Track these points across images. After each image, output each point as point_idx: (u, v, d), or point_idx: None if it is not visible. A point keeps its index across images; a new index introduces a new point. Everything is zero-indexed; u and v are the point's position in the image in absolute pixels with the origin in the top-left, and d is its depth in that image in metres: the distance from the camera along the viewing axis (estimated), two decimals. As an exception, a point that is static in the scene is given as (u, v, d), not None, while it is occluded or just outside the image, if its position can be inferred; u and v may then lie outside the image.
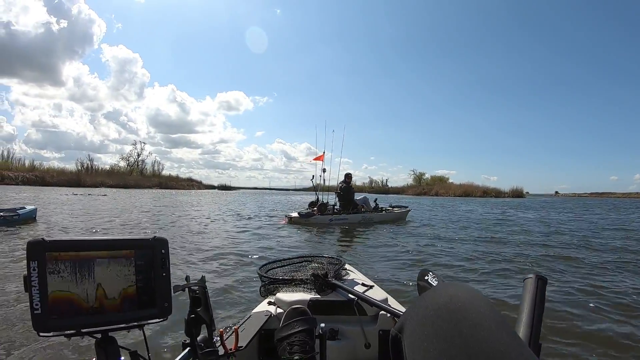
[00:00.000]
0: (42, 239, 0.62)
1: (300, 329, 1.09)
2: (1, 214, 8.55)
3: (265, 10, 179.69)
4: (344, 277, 1.60)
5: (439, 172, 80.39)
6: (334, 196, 11.54)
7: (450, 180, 69.58)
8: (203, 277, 0.85)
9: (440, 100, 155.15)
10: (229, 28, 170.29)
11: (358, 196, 11.75)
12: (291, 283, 1.47)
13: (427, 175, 75.54)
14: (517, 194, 58.93)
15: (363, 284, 1.53)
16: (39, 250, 0.61)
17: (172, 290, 0.74)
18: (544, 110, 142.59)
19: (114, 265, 0.68)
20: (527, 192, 64.10)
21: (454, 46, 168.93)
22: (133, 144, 75.49)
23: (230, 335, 1.05)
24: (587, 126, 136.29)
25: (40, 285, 0.61)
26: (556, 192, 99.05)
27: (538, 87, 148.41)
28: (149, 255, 0.71)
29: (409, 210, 13.03)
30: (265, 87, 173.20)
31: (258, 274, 1.57)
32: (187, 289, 0.82)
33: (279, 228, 9.76)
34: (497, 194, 57.94)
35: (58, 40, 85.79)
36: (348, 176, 11.41)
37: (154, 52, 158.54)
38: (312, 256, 1.75)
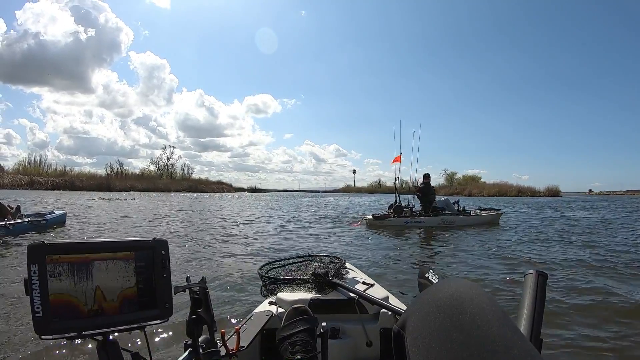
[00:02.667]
0: (42, 242, 0.63)
1: (301, 328, 1.09)
2: (28, 219, 8.43)
3: (290, 12, 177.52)
4: (345, 276, 1.61)
5: (470, 172, 78.43)
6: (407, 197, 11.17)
7: (482, 180, 68.54)
8: (204, 277, 0.86)
9: (467, 99, 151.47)
10: (253, 31, 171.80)
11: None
12: (292, 282, 1.48)
13: (459, 175, 74.04)
14: (553, 192, 57.93)
15: (364, 283, 1.54)
16: (39, 254, 0.62)
17: (172, 291, 0.74)
18: (574, 107, 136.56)
19: (114, 267, 0.68)
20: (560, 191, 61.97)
21: (480, 44, 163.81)
22: (163, 148, 77.59)
23: (232, 335, 1.06)
24: (615, 122, 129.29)
25: (41, 289, 0.61)
26: (590, 191, 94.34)
27: (565, 84, 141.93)
28: (149, 257, 0.72)
29: (502, 214, 11.64)
30: (292, 90, 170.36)
31: (259, 273, 1.58)
32: (188, 290, 0.82)
33: (352, 230, 9.78)
34: (533, 193, 57.25)
35: (86, 49, 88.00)
36: (427, 176, 10.78)
37: (181, 57, 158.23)
38: (313, 255, 1.75)
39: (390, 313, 1.31)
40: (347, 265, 1.78)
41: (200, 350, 0.83)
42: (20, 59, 74.99)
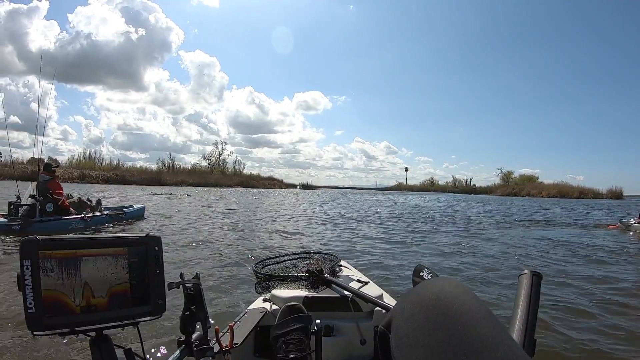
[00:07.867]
0: (35, 237, 0.63)
1: (295, 327, 1.08)
2: (107, 212, 8.68)
3: (338, 6, 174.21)
4: (339, 274, 1.60)
5: (523, 171, 74.63)
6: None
7: (539, 180, 65.41)
8: (197, 274, 0.86)
9: (522, 95, 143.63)
10: (301, 27, 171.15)
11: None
12: (286, 280, 1.47)
13: (515, 174, 71.06)
14: (616, 195, 54.47)
15: (358, 280, 1.53)
16: (31, 249, 0.62)
17: (166, 288, 0.74)
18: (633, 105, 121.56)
19: (106, 263, 0.68)
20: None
21: (536, 38, 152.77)
22: (214, 144, 79.09)
23: (226, 332, 1.06)
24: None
25: (33, 284, 0.61)
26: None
27: (624, 78, 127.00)
28: (143, 253, 0.72)
29: None
30: (343, 86, 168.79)
31: (253, 270, 1.57)
32: (181, 287, 0.82)
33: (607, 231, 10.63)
34: (595, 195, 54.67)
35: (138, 49, 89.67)
36: None
37: (231, 55, 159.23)
38: (308, 252, 1.75)
39: (384, 311, 1.30)
40: (342, 263, 1.78)
41: (194, 347, 0.84)
42: (73, 59, 77.99)
